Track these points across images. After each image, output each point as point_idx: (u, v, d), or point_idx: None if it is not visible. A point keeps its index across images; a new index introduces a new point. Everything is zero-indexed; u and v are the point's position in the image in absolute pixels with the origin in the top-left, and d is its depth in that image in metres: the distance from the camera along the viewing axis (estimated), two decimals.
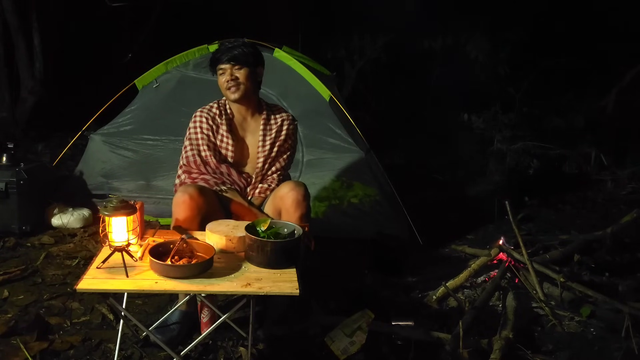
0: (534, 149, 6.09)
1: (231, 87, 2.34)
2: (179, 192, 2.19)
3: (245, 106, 2.44)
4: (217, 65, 2.36)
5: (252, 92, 2.42)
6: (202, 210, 2.18)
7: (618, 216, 3.83)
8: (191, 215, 2.15)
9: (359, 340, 2.13)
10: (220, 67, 2.35)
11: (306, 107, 3.81)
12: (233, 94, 2.35)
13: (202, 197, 2.18)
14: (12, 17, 5.81)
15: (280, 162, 2.48)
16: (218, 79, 2.39)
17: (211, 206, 2.25)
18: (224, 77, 2.35)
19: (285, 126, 2.48)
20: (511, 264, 2.81)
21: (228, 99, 2.41)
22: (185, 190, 2.17)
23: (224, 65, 2.33)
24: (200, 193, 2.19)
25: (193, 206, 2.15)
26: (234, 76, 2.33)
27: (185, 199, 2.15)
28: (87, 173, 3.95)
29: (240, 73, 2.33)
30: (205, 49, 4.01)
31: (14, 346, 2.11)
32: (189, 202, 2.14)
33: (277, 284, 1.72)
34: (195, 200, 2.15)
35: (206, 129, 2.41)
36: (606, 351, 2.26)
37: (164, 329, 2.19)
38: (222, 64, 2.34)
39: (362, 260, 3.16)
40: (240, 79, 2.34)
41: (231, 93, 2.35)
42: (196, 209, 2.16)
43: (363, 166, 3.69)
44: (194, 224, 2.15)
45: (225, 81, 2.34)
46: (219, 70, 2.36)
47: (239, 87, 2.35)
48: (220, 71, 2.36)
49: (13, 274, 2.77)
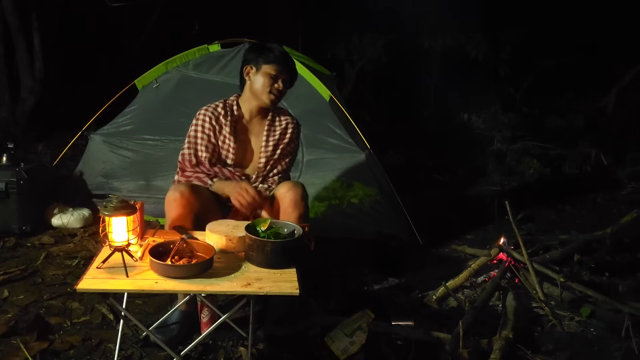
0: (534, 149, 6.10)
1: (273, 94, 2.34)
2: (170, 191, 2.17)
3: (261, 110, 2.44)
4: (270, 63, 2.32)
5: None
6: (195, 208, 2.16)
7: (618, 216, 3.83)
8: (183, 213, 2.13)
9: (359, 340, 2.13)
10: (274, 69, 2.32)
11: (306, 107, 3.80)
12: (272, 100, 2.36)
13: (193, 194, 2.16)
14: (12, 17, 5.82)
15: (282, 165, 2.48)
16: (257, 74, 2.34)
17: (205, 204, 2.23)
18: (271, 80, 2.32)
19: (290, 129, 2.48)
20: (511, 264, 2.81)
21: (260, 99, 2.37)
22: (175, 189, 2.16)
23: (280, 71, 2.32)
24: (192, 190, 2.17)
25: (184, 204, 2.13)
26: (282, 88, 2.35)
27: (175, 196, 2.13)
28: (87, 173, 3.95)
29: (285, 87, 2.37)
30: (205, 49, 4.01)
31: (14, 346, 2.11)
32: (180, 200, 2.13)
33: (277, 284, 1.72)
34: (186, 197, 2.13)
35: (208, 128, 2.39)
36: (606, 351, 2.26)
37: (164, 329, 2.19)
38: (277, 68, 2.32)
39: (362, 260, 3.16)
40: (284, 92, 2.38)
41: (269, 98, 2.35)
42: (188, 206, 2.14)
43: (363, 166, 3.69)
44: (187, 222, 2.14)
45: (274, 84, 2.33)
46: (270, 70, 2.32)
47: (280, 98, 2.38)
48: (271, 73, 2.32)
49: (13, 274, 2.77)
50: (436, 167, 5.81)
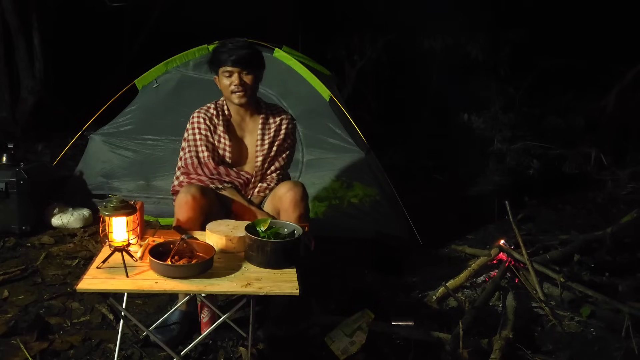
0: (534, 149, 6.09)
1: (237, 92, 2.31)
2: (182, 192, 2.19)
3: (244, 107, 2.42)
4: (221, 66, 2.31)
5: (255, 95, 2.42)
6: (205, 211, 2.19)
7: (618, 216, 3.83)
8: (194, 216, 2.15)
9: (359, 340, 2.13)
10: (225, 69, 2.30)
11: (306, 107, 3.80)
12: (239, 98, 2.33)
13: (204, 197, 2.18)
14: (12, 17, 5.81)
15: (280, 162, 2.48)
16: (220, 79, 2.35)
17: (213, 206, 2.25)
18: (228, 80, 2.31)
19: (284, 125, 2.48)
20: (511, 264, 2.81)
21: (231, 102, 2.38)
22: (187, 191, 2.17)
23: (230, 68, 2.28)
24: (203, 194, 2.19)
25: (196, 207, 2.15)
26: (242, 81, 2.30)
27: (188, 199, 2.15)
28: (87, 173, 3.95)
29: (248, 77, 2.31)
30: (205, 49, 4.01)
31: (14, 346, 2.12)
32: (191, 203, 2.14)
33: (277, 284, 1.72)
34: (197, 201, 2.15)
35: (204, 129, 2.40)
36: (606, 351, 2.26)
37: (164, 329, 2.19)
38: (227, 66, 2.29)
39: (362, 260, 3.16)
40: (248, 84, 2.32)
41: (237, 97, 2.33)
42: (199, 210, 2.16)
43: (363, 166, 3.69)
44: (196, 225, 2.16)
45: (231, 84, 2.30)
46: (224, 72, 2.31)
47: (246, 92, 2.32)
48: (225, 73, 2.31)
49: (13, 274, 2.77)
50: (436, 167, 5.81)
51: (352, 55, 7.84)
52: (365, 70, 8.03)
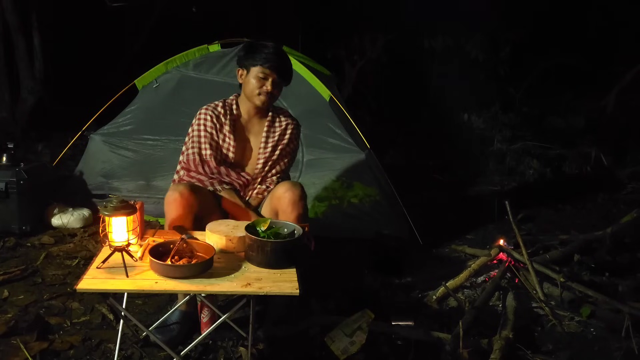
0: (534, 149, 6.10)
1: (263, 95, 2.31)
2: (170, 191, 2.17)
3: (258, 110, 2.42)
4: (258, 65, 2.28)
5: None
6: (194, 208, 2.16)
7: (618, 216, 3.83)
8: (183, 213, 2.13)
9: (359, 340, 2.13)
10: (263, 70, 2.28)
11: (306, 107, 3.80)
12: (263, 102, 2.33)
13: (193, 194, 2.16)
14: (12, 17, 5.81)
15: (281, 165, 2.48)
16: (249, 76, 2.32)
17: (205, 204, 2.24)
18: (260, 82, 2.29)
19: (289, 130, 2.48)
20: (511, 264, 2.81)
21: (251, 101, 2.36)
22: (175, 189, 2.16)
23: (269, 72, 2.28)
24: (191, 191, 2.16)
25: (184, 204, 2.13)
26: (273, 88, 2.30)
27: (175, 197, 2.13)
28: (87, 173, 3.95)
29: (278, 87, 2.33)
30: (205, 49, 4.01)
31: (14, 346, 2.11)
32: (179, 200, 2.13)
33: (277, 284, 1.72)
34: (185, 198, 2.13)
35: (210, 127, 2.39)
36: (606, 351, 2.27)
37: (164, 329, 2.19)
38: (266, 69, 2.27)
39: (362, 260, 3.16)
40: (276, 93, 2.33)
41: (260, 100, 2.32)
42: (187, 207, 2.14)
43: (363, 166, 3.69)
44: (187, 222, 2.14)
45: (263, 86, 2.29)
46: (260, 72, 2.28)
47: (272, 99, 2.34)
48: (260, 74, 2.28)
49: (13, 274, 2.77)
50: (436, 167, 5.81)
51: (352, 55, 7.85)
52: (365, 70, 8.04)
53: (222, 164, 2.39)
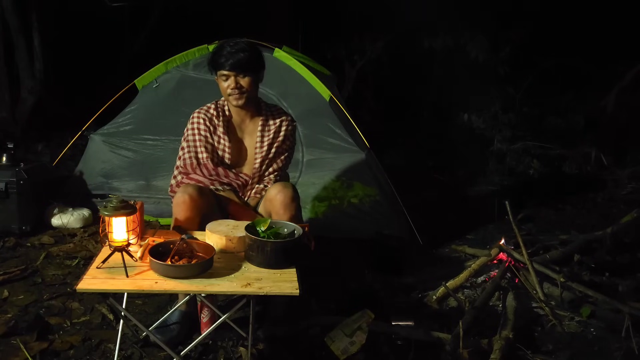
0: (534, 149, 6.10)
1: (234, 95, 2.30)
2: (179, 192, 2.19)
3: (244, 109, 2.41)
4: (218, 69, 2.29)
5: (254, 96, 2.41)
6: (202, 211, 2.19)
7: (618, 216, 3.82)
8: (191, 215, 2.15)
9: (359, 340, 2.13)
10: (222, 72, 2.28)
11: (306, 107, 3.80)
12: (237, 100, 2.32)
13: (201, 197, 2.19)
14: (12, 17, 5.80)
15: (278, 163, 2.47)
16: (219, 82, 2.34)
17: (210, 206, 2.26)
18: (226, 83, 2.29)
19: (284, 127, 2.47)
20: (511, 264, 2.81)
21: (230, 104, 2.38)
22: (185, 191, 2.18)
23: (226, 72, 2.27)
24: (200, 193, 2.19)
25: (193, 206, 2.15)
26: (238, 84, 2.28)
27: (185, 199, 2.15)
28: (87, 173, 3.95)
29: (244, 81, 2.29)
30: (205, 49, 4.00)
31: (14, 346, 2.11)
32: (189, 203, 2.15)
33: (277, 284, 1.72)
34: (195, 200, 2.16)
35: (204, 129, 2.40)
36: (606, 351, 2.27)
37: (164, 329, 2.19)
38: (224, 70, 2.27)
39: (362, 260, 3.16)
40: (245, 87, 2.30)
41: (234, 100, 2.32)
42: (196, 209, 2.16)
43: (363, 166, 3.69)
44: (194, 224, 2.16)
45: (228, 88, 2.29)
46: (221, 75, 2.30)
47: (243, 95, 2.31)
48: (222, 77, 2.30)
49: (13, 274, 2.77)
50: (436, 167, 5.81)
51: (352, 55, 7.84)
52: (365, 70, 8.03)
53: (219, 165, 2.39)
